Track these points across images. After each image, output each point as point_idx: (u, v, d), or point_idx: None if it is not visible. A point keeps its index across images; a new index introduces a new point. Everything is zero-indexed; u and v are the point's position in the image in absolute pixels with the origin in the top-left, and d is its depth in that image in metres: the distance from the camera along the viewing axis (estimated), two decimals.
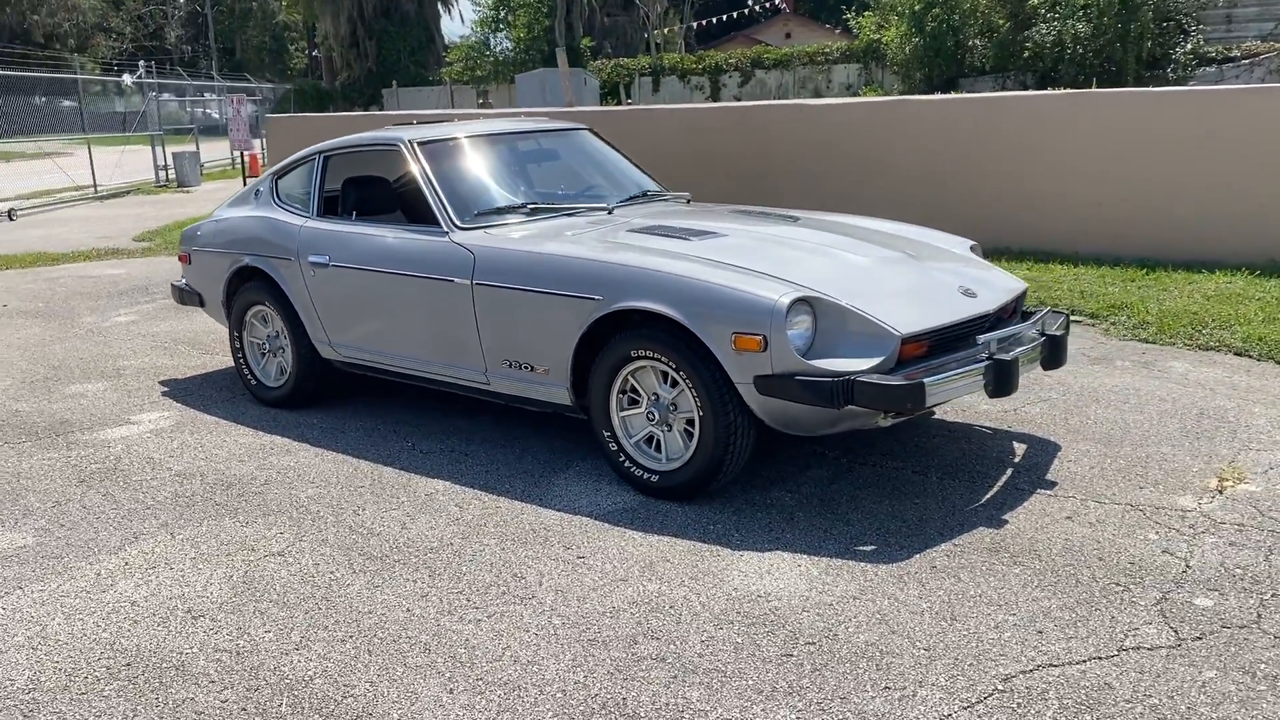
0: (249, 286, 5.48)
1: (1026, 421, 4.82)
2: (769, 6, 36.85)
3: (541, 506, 4.07)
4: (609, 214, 4.86)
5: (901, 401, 3.56)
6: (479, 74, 34.55)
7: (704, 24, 35.54)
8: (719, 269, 3.93)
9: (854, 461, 4.40)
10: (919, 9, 23.34)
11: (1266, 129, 7.48)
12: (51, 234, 13.24)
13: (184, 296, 6.09)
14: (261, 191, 5.63)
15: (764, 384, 3.68)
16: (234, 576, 3.58)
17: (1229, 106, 7.70)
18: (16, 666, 3.06)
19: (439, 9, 41.88)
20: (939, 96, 10.92)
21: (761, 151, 9.47)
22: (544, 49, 33.01)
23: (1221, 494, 3.93)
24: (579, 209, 4.90)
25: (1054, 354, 4.13)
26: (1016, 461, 4.36)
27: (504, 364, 4.44)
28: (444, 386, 4.83)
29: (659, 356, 3.90)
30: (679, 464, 3.99)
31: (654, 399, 4.02)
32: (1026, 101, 8.58)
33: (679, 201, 5.38)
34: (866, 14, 27.75)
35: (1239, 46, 21.42)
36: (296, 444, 4.92)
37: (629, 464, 4.12)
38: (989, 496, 3.99)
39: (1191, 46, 20.63)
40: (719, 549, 3.64)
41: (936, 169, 8.72)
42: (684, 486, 3.98)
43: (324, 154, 5.34)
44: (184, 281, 6.09)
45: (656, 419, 4.03)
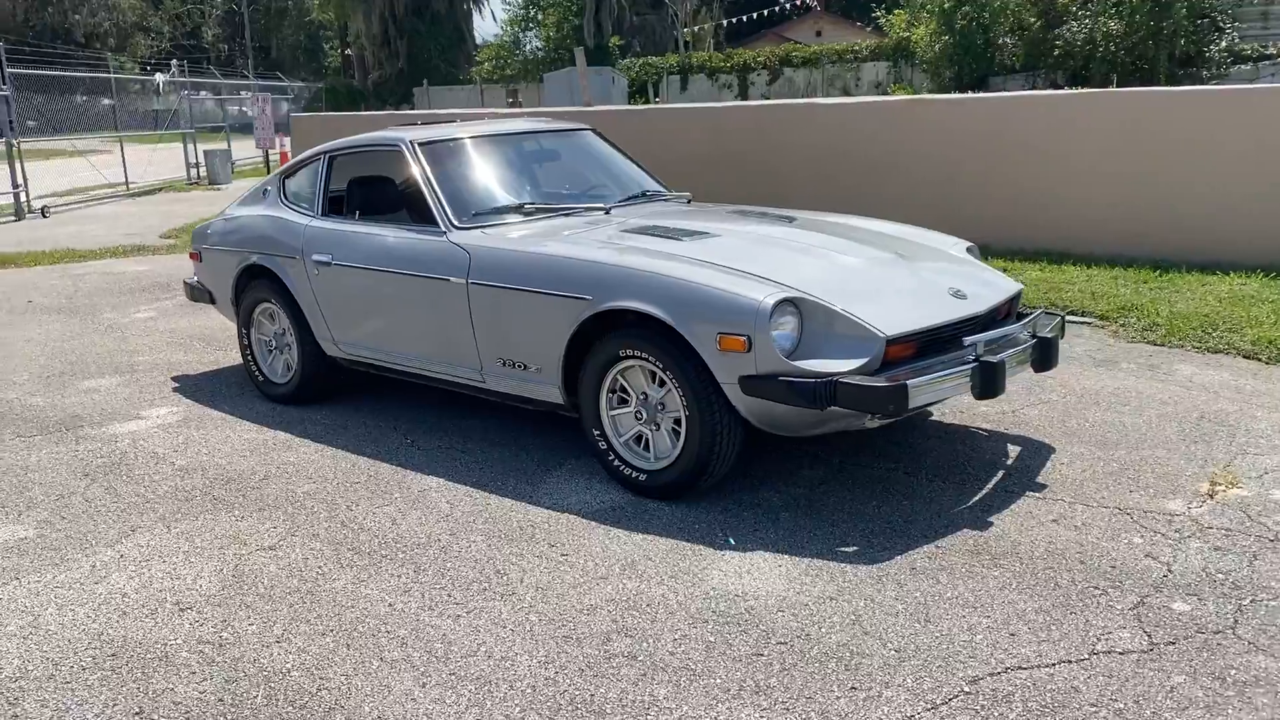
0: (256, 284, 5.57)
1: (1023, 423, 4.80)
2: (800, 4, 36.72)
3: (531, 504, 4.11)
4: (606, 214, 4.89)
5: (884, 403, 3.57)
6: (508, 73, 34.71)
7: (734, 22, 35.47)
8: (706, 269, 3.95)
9: (846, 462, 4.40)
10: (948, 7, 23.17)
11: None
12: (81, 231, 13.46)
13: (195, 294, 6.20)
14: (269, 191, 5.72)
15: (749, 384, 3.70)
16: (224, 570, 3.65)
17: (1245, 106, 7.61)
18: (7, 655, 3.14)
19: (470, 8, 42.09)
20: (953, 96, 10.87)
21: (776, 151, 9.47)
22: (573, 48, 33.06)
23: (1212, 498, 3.90)
24: (576, 209, 4.94)
25: (1045, 356, 4.11)
26: (1009, 464, 4.35)
27: (499, 362, 4.48)
28: (443, 384, 4.88)
29: (647, 356, 3.93)
30: (666, 463, 4.01)
31: (643, 398, 4.05)
32: (1041, 101, 8.52)
33: (679, 202, 5.40)
34: (897, 12, 27.60)
35: (1275, 44, 21.11)
36: (298, 440, 5.00)
37: (618, 463, 4.15)
38: (977, 498, 3.99)
39: (1226, 44, 20.35)
40: (701, 548, 3.66)
41: (951, 169, 8.68)
42: (671, 485, 4.01)
43: (329, 154, 5.41)
44: (195, 279, 6.20)
45: (645, 418, 4.06)
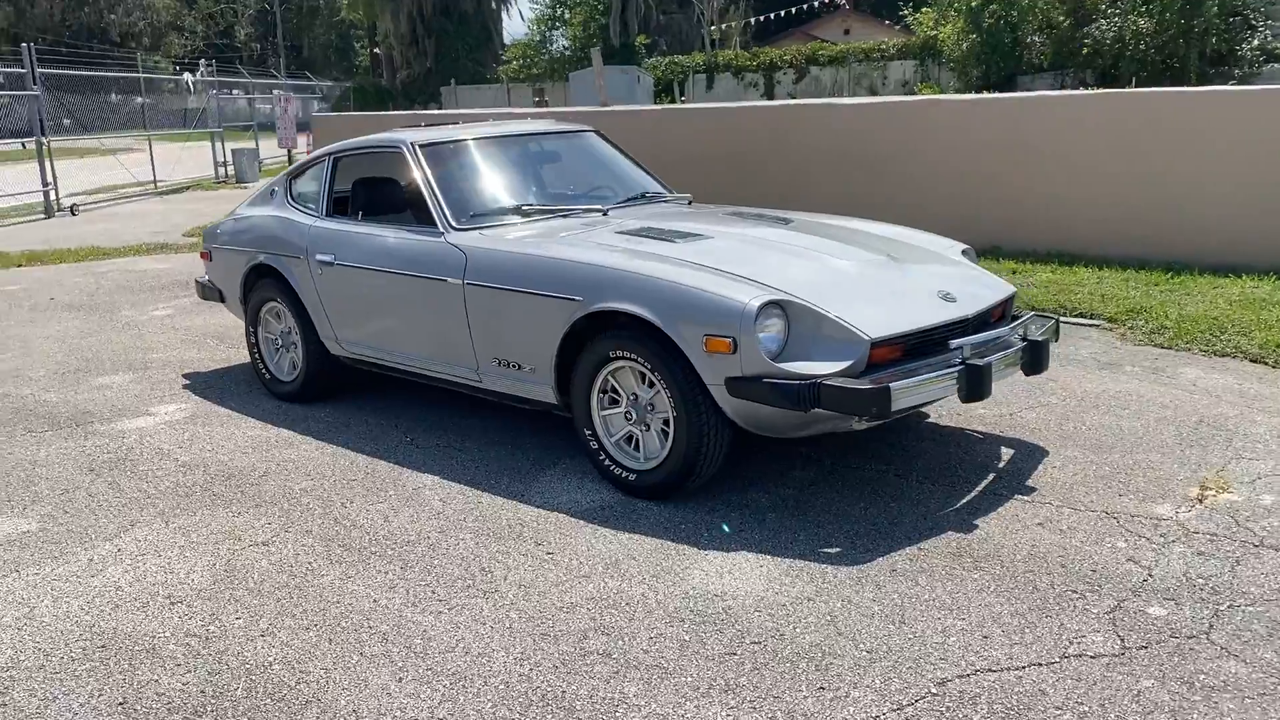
0: (263, 283, 5.65)
1: (1020, 426, 4.80)
2: (828, 2, 36.59)
3: (522, 503, 4.16)
4: (604, 216, 4.93)
5: (866, 405, 3.58)
6: (535, 72, 34.83)
7: (762, 20, 35.40)
8: (696, 271, 3.97)
9: (837, 464, 4.42)
10: (976, 5, 23.02)
11: None
12: (108, 229, 13.67)
13: (206, 292, 6.30)
14: (277, 191, 5.80)
15: (734, 386, 3.72)
16: (217, 565, 3.72)
17: (1264, 106, 7.53)
18: (0, 646, 3.22)
19: (497, 7, 42.30)
20: (968, 96, 10.82)
21: (791, 151, 9.47)
22: (600, 47, 33.11)
23: (1201, 503, 3.89)
24: (574, 211, 4.98)
25: (1035, 359, 4.11)
26: (1000, 467, 4.35)
27: (494, 362, 4.53)
28: (442, 383, 4.94)
29: (636, 357, 3.97)
30: (655, 463, 4.05)
31: (633, 399, 4.09)
32: (1057, 102, 8.47)
33: (679, 203, 5.43)
34: (925, 10, 27.46)
35: None
36: (300, 437, 5.07)
37: (609, 462, 4.19)
38: (964, 501, 3.99)
39: (1259, 42, 20.10)
40: (685, 547, 3.69)
41: (965, 169, 8.65)
42: (660, 485, 4.04)
43: (333, 155, 5.48)
44: (206, 278, 6.29)
45: (634, 419, 4.10)
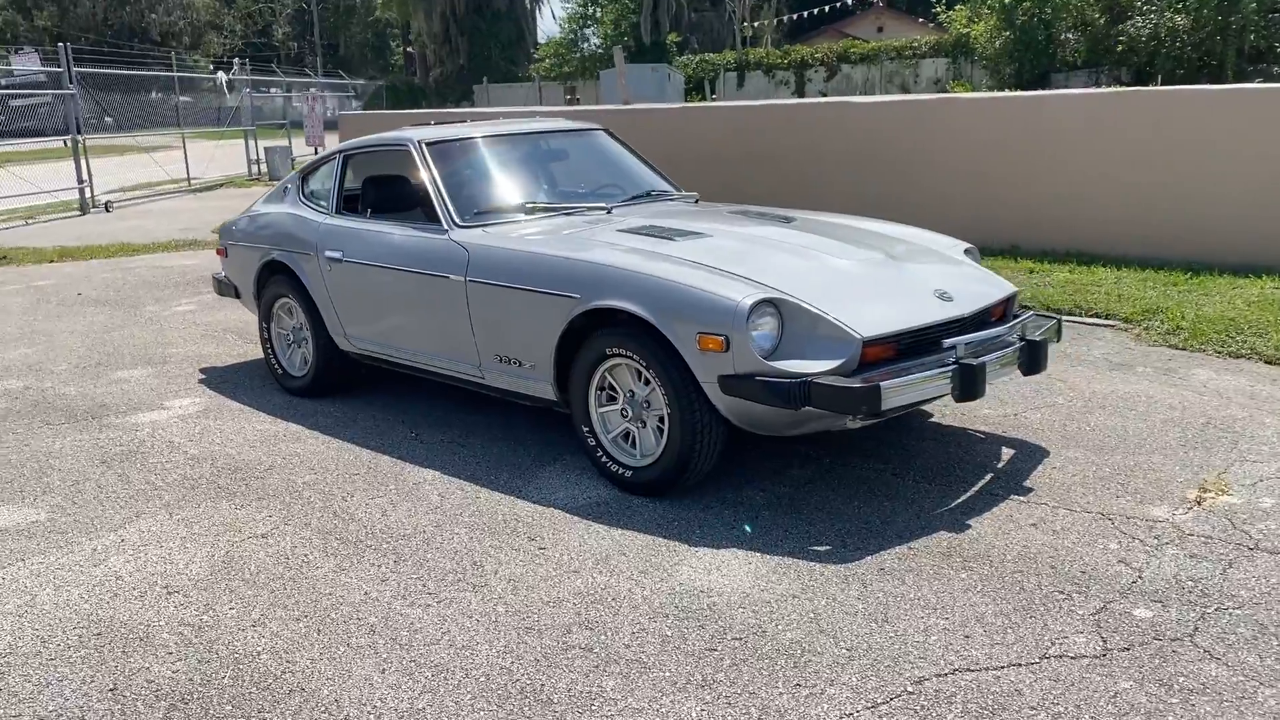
0: (276, 280, 5.73)
1: (1023, 426, 4.77)
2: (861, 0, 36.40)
3: (519, 498, 4.20)
4: (608, 214, 4.95)
5: (857, 404, 3.59)
6: (567, 70, 34.91)
7: (795, 18, 35.28)
8: (692, 269, 3.99)
9: (835, 462, 4.42)
10: (1009, 2, 22.82)
11: None
12: (139, 225, 13.88)
13: (222, 288, 6.39)
14: (289, 189, 5.88)
15: (727, 384, 3.74)
16: (216, 556, 3.79)
17: None
18: (0, 632, 3.30)
19: (530, 5, 42.44)
20: (985, 95, 10.74)
21: (808, 150, 9.46)
22: (631, 45, 33.19)
23: (1199, 505, 3.85)
24: (578, 209, 5.01)
25: (1033, 359, 4.09)
26: (999, 467, 4.33)
27: (496, 358, 4.57)
28: (446, 379, 4.99)
29: (632, 355, 3.99)
30: (651, 460, 4.07)
31: (630, 396, 4.11)
32: (1075, 100, 8.39)
33: (686, 201, 5.44)
34: (958, 7, 27.26)
35: None
36: (308, 432, 5.14)
37: (606, 459, 4.21)
38: (959, 501, 3.98)
39: None
40: (676, 544, 3.71)
41: (982, 168, 8.60)
42: (655, 482, 4.06)
43: (344, 153, 5.55)
44: (223, 274, 6.39)
45: (631, 416, 4.12)
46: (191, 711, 2.84)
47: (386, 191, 5.19)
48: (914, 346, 3.89)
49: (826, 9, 34.88)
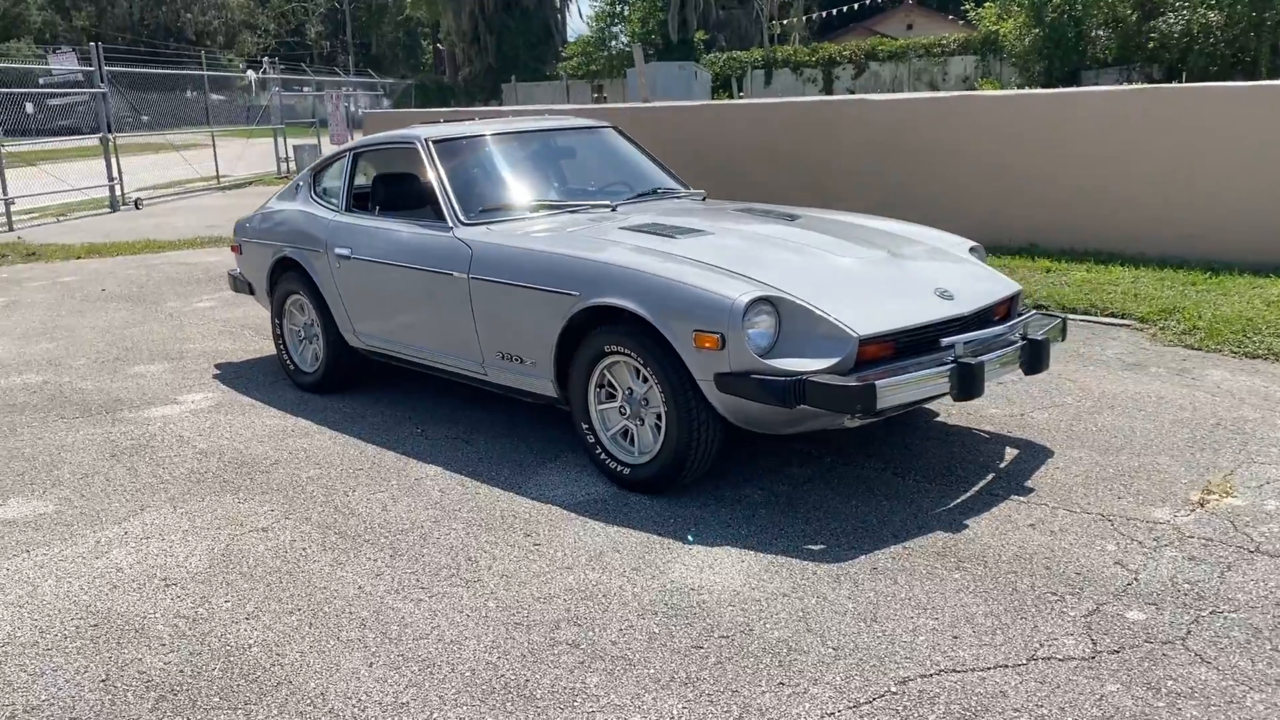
0: (288, 276, 5.78)
1: (1029, 426, 4.73)
2: None
3: (518, 494, 4.21)
4: (612, 211, 4.96)
5: (851, 403, 3.57)
6: (594, 69, 34.94)
7: (824, 16, 35.12)
8: (689, 267, 3.99)
9: (837, 461, 4.40)
10: None
11: None
12: (167, 222, 14.04)
13: (237, 285, 6.45)
14: (301, 186, 5.93)
15: (723, 381, 3.73)
16: (215, 549, 3.83)
17: None
18: (1, 622, 3.35)
19: (559, 4, 42.49)
20: (1006, 92, 10.65)
21: (827, 147, 9.42)
22: (659, 42, 33.17)
23: (1202, 507, 3.80)
24: (583, 206, 5.02)
25: (1034, 358, 4.05)
26: (1002, 467, 4.29)
27: (498, 355, 4.59)
28: (451, 376, 5.01)
29: (630, 352, 3.99)
30: (649, 457, 4.07)
31: (628, 393, 4.11)
32: (1096, 98, 8.29)
33: (693, 199, 5.44)
34: (988, 4, 27.01)
35: None
36: (316, 427, 5.18)
37: (604, 456, 4.22)
38: (958, 501, 3.95)
39: None
40: (670, 542, 3.71)
41: (1001, 166, 8.52)
42: (653, 480, 4.06)
43: (354, 151, 5.59)
44: (238, 271, 6.45)
45: (629, 413, 4.12)
46: (180, 703, 2.87)
47: (395, 189, 5.22)
48: (912, 345, 3.87)
49: (855, 6, 34.68)
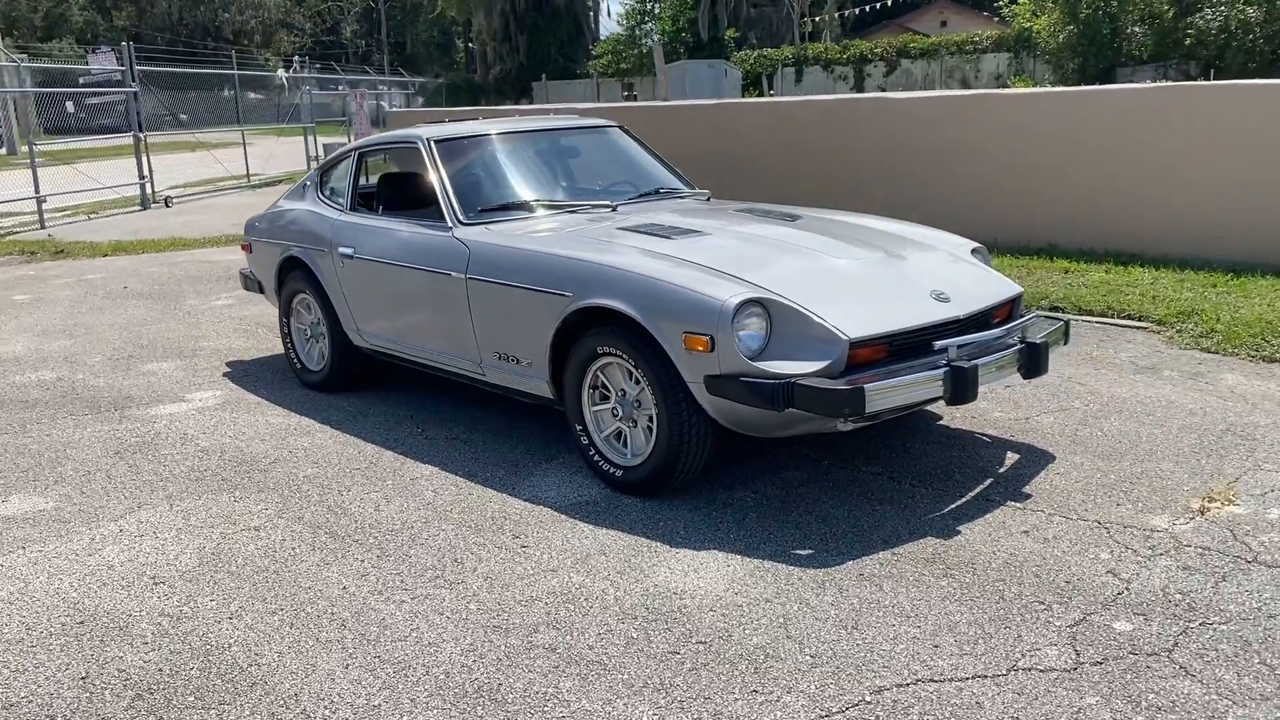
0: (294, 275, 5.80)
1: (1032, 431, 4.66)
2: None
3: (510, 496, 4.20)
4: (612, 211, 4.93)
5: (840, 407, 3.52)
6: (624, 67, 34.93)
7: (857, 12, 34.88)
8: (683, 268, 3.95)
9: (833, 464, 4.35)
10: None
11: None
12: (194, 220, 14.18)
13: (248, 284, 6.50)
14: (308, 186, 5.95)
15: (713, 384, 3.70)
16: (206, 548, 3.84)
17: None
18: None
19: (589, 2, 42.50)
20: (1025, 90, 10.50)
21: (846, 146, 9.34)
22: (689, 41, 33.09)
23: (1202, 515, 3.72)
24: (583, 206, 5.00)
25: (1033, 361, 3.98)
26: (1001, 472, 4.23)
27: (495, 355, 4.58)
28: (451, 375, 5.01)
29: (621, 353, 3.97)
30: (640, 460, 4.04)
31: (621, 395, 4.09)
32: (1118, 96, 8.15)
33: (696, 199, 5.40)
34: (1021, 0, 26.70)
35: None
36: (319, 426, 5.20)
37: (598, 458, 4.20)
38: (953, 506, 3.90)
39: None
40: (658, 545, 3.68)
41: (1021, 165, 8.41)
42: (644, 482, 4.03)
43: (359, 151, 5.61)
44: (249, 270, 6.49)
45: (622, 415, 4.10)
46: (155, 702, 2.88)
47: (398, 189, 5.23)
48: (906, 348, 3.81)
49: (889, 3, 34.41)
